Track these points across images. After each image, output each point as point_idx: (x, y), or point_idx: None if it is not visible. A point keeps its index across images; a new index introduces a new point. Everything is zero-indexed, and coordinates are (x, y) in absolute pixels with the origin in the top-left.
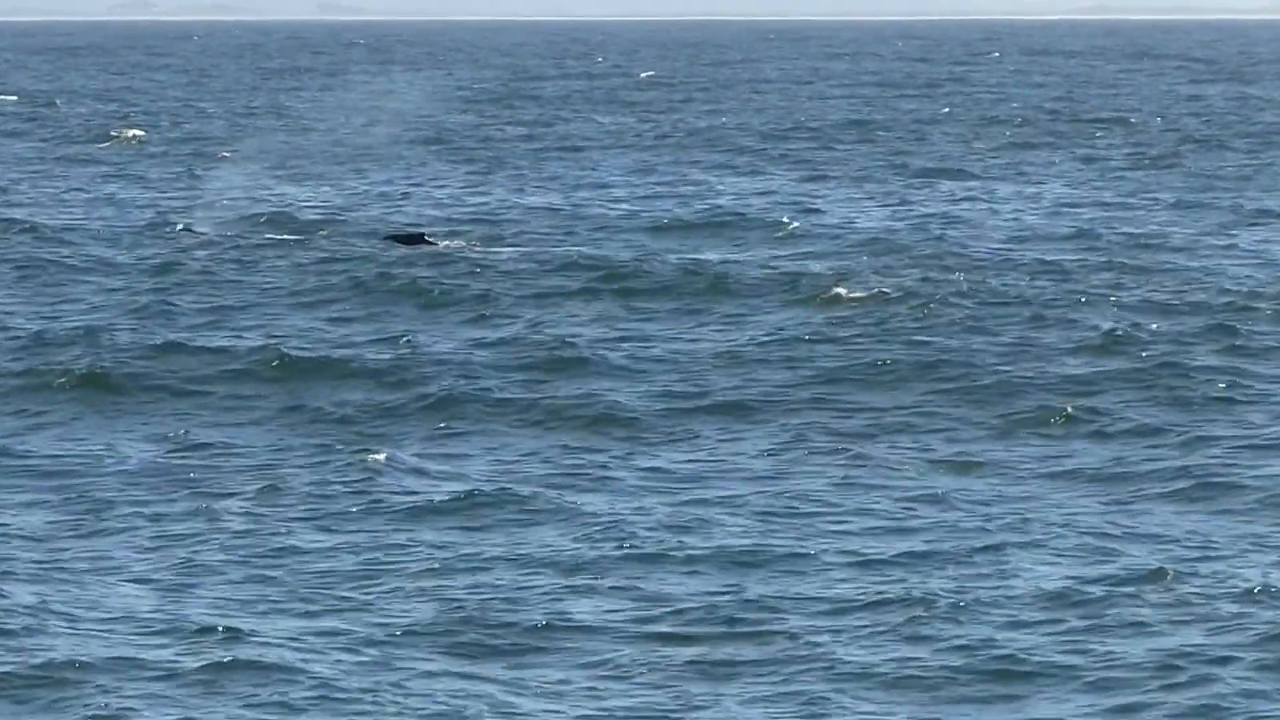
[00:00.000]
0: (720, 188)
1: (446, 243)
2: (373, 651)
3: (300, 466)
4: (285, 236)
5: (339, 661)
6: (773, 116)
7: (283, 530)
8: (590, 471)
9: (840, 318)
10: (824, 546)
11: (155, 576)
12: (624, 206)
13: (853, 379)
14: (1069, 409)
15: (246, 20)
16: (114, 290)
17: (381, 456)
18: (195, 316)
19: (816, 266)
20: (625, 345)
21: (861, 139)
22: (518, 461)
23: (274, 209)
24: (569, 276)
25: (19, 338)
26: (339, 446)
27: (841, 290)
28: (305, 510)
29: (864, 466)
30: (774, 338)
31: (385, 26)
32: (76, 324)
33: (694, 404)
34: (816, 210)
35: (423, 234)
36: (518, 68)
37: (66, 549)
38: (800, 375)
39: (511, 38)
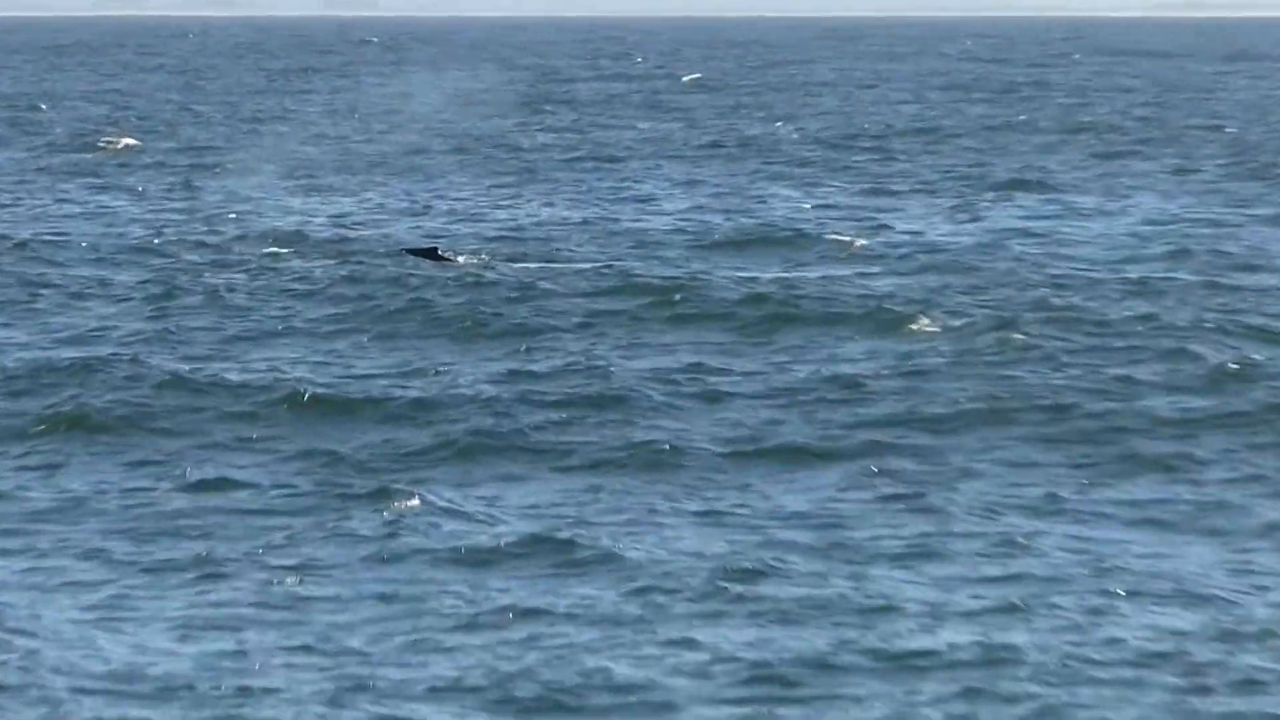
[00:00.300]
0: (775, 201)
1: (461, 258)
2: (396, 709)
3: (315, 512)
4: (297, 256)
5: None
6: (831, 123)
7: (296, 580)
8: (636, 517)
9: (910, 350)
10: (894, 599)
11: (159, 629)
12: (668, 221)
13: (923, 417)
14: (1163, 450)
15: (246, 16)
16: (108, 317)
17: (407, 501)
18: (198, 347)
19: (882, 289)
20: (674, 379)
21: (930, 148)
22: (556, 505)
23: (283, 225)
24: (611, 300)
25: (4, 369)
26: (358, 489)
27: (910, 317)
28: (321, 559)
29: (936, 512)
30: (838, 371)
31: (397, 23)
32: (67, 355)
33: (751, 446)
34: (883, 226)
35: (435, 248)
36: (547, 68)
37: (60, 599)
38: (868, 413)
39: (536, 35)
